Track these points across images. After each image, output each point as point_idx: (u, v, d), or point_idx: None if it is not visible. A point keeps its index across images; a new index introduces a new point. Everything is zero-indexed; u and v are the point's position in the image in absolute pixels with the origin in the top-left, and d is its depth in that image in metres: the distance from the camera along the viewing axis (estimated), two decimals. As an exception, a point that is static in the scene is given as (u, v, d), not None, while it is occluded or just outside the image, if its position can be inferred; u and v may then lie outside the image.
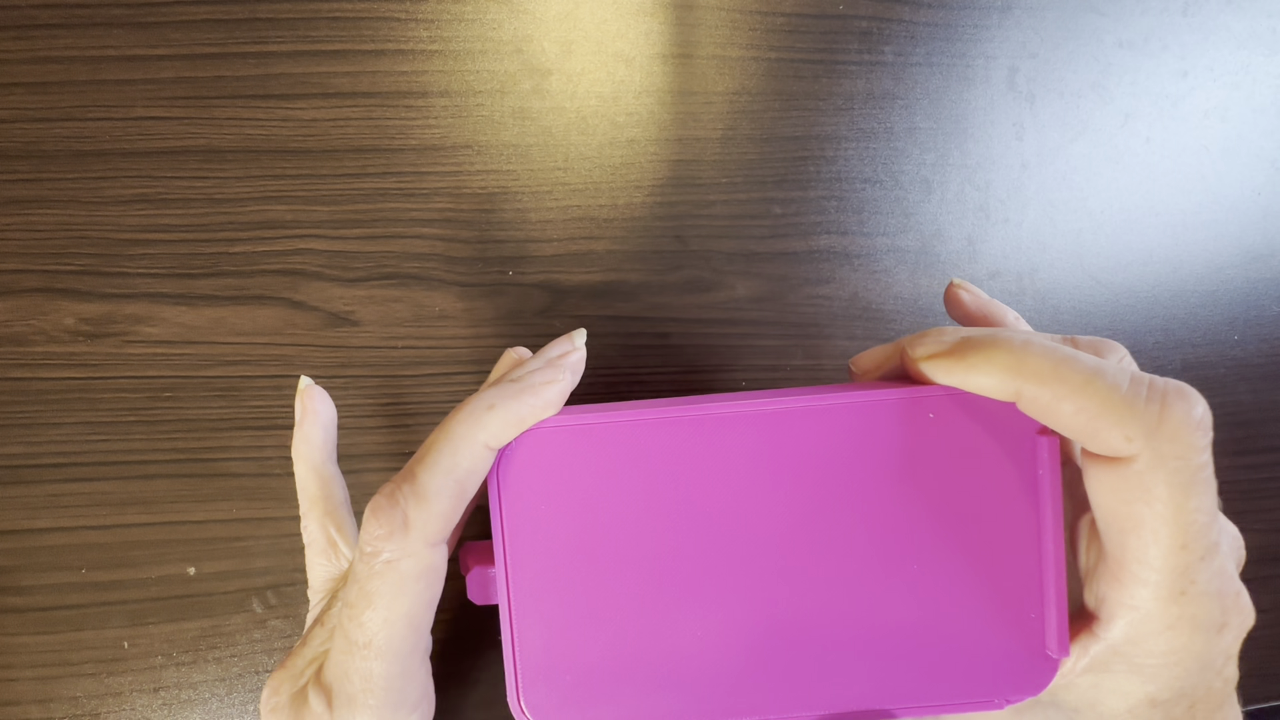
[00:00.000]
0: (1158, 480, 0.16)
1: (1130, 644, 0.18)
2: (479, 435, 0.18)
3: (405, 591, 0.18)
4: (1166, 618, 0.17)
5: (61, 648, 0.29)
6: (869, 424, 0.19)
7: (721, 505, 0.19)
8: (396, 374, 0.31)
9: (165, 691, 0.29)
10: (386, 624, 0.18)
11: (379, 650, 0.18)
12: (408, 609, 0.18)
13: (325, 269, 0.31)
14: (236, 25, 0.30)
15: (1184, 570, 0.17)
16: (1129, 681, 0.18)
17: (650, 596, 0.19)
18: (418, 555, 0.18)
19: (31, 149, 0.30)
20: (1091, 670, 0.18)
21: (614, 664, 0.19)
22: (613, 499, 0.19)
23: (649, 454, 0.19)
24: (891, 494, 0.19)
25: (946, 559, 0.19)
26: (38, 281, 0.30)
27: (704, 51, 0.32)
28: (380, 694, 0.18)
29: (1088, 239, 0.34)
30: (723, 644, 0.19)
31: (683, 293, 0.32)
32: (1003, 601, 0.19)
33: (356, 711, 0.19)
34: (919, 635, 0.19)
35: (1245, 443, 0.34)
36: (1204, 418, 0.16)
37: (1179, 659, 0.17)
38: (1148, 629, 0.17)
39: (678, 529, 0.19)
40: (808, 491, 0.19)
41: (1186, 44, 0.34)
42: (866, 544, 0.19)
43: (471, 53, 0.31)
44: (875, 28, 0.33)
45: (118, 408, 0.30)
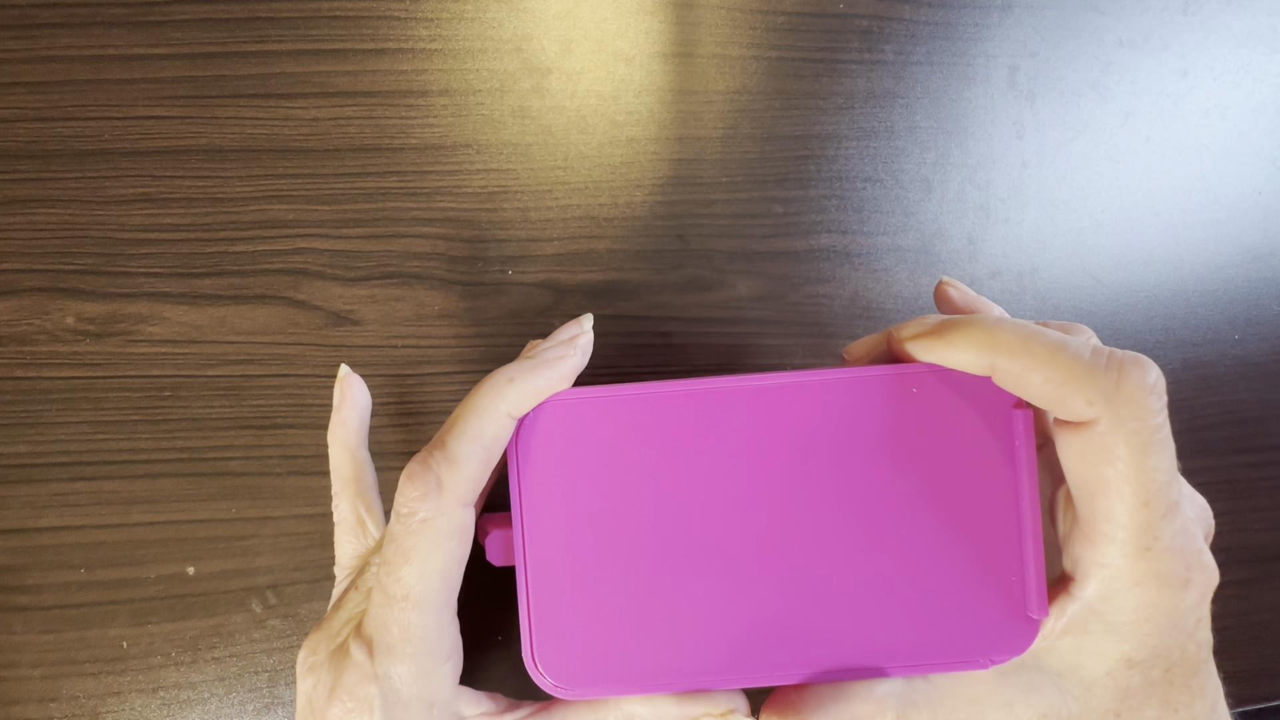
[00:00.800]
0: (1118, 441, 0.18)
1: (1103, 601, 0.19)
2: (501, 405, 0.20)
3: (440, 547, 0.20)
4: (1134, 573, 0.18)
5: (65, 647, 0.29)
6: (860, 397, 0.21)
7: (723, 473, 0.21)
8: (398, 373, 0.31)
9: (165, 691, 0.29)
10: (423, 578, 0.20)
11: (416, 602, 0.20)
12: (442, 564, 0.20)
13: (327, 268, 0.31)
14: (237, 24, 0.30)
15: (1147, 526, 0.18)
16: (1106, 642, 0.19)
17: (656, 558, 0.21)
18: (451, 514, 0.20)
19: (33, 148, 0.30)
20: (1070, 632, 0.20)
21: (621, 623, 0.21)
22: (621, 467, 0.21)
23: (656, 425, 0.21)
24: (880, 465, 0.21)
25: (931, 526, 0.20)
26: (40, 281, 0.30)
27: (704, 50, 0.32)
28: (417, 643, 0.20)
29: (1088, 238, 0.34)
30: (723, 605, 0.21)
31: (684, 292, 0.32)
32: (985, 566, 0.20)
33: (396, 659, 0.20)
34: (907, 599, 0.20)
35: (1246, 441, 0.34)
36: (1158, 383, 0.18)
37: (1149, 615, 0.18)
38: (1118, 585, 0.18)
39: (682, 496, 0.21)
40: (803, 461, 0.21)
41: (1187, 43, 0.34)
42: (858, 511, 0.21)
43: (472, 51, 0.31)
44: (876, 26, 0.33)
45: (121, 407, 0.30)
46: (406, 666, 0.20)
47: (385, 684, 0.20)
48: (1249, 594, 0.33)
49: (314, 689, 0.21)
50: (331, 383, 0.30)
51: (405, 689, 0.20)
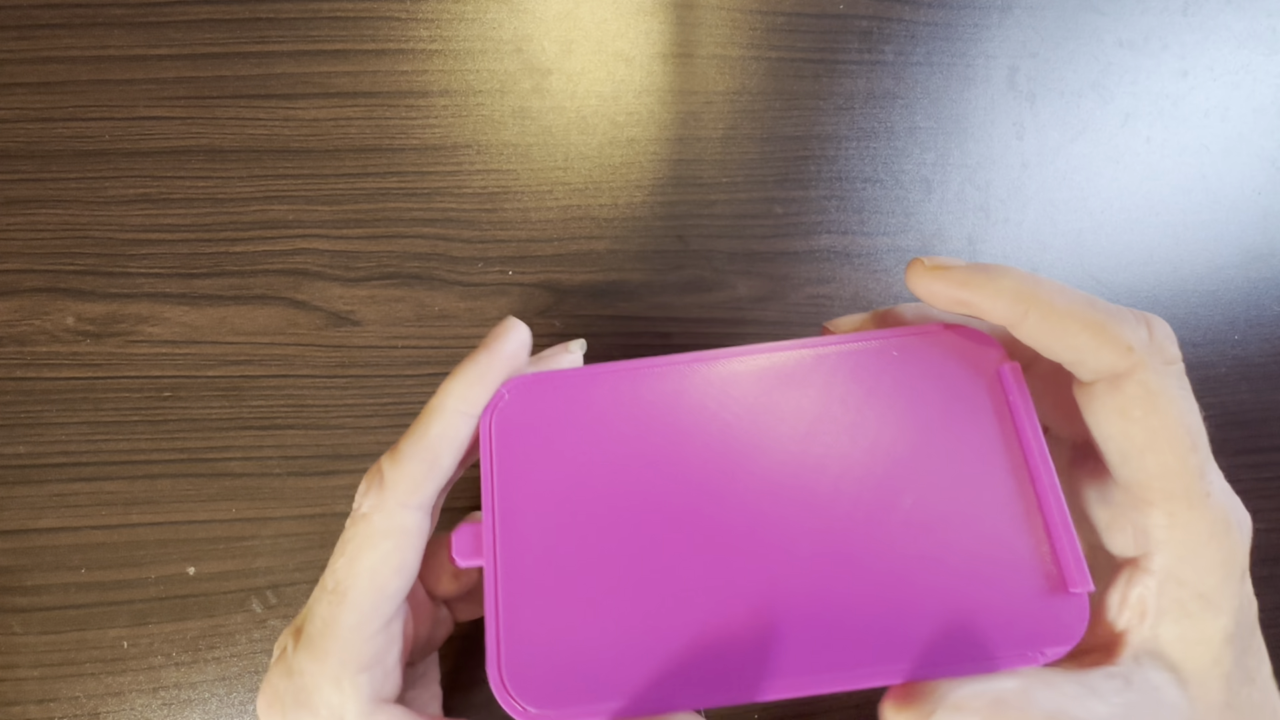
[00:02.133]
0: (1162, 387, 0.17)
1: (1185, 565, 0.18)
2: (447, 402, 0.19)
3: (373, 545, 0.19)
4: (1206, 525, 0.17)
5: (65, 647, 0.29)
6: (840, 368, 0.19)
7: (703, 457, 0.19)
8: (398, 373, 0.31)
9: (165, 691, 0.29)
10: (350, 573, 0.19)
11: (340, 596, 0.19)
12: (372, 563, 0.19)
13: (327, 268, 0.31)
14: (238, 25, 0.30)
15: (1201, 472, 0.17)
16: (1205, 620, 0.18)
17: (638, 554, 0.19)
18: (389, 512, 0.19)
19: (34, 149, 0.30)
20: (1168, 616, 0.18)
21: (601, 632, 0.18)
22: (593, 452, 0.19)
23: (630, 402, 0.19)
24: (871, 440, 0.19)
25: (936, 504, 0.18)
26: (41, 281, 0.30)
27: (704, 51, 0.32)
28: (336, 640, 0.19)
29: (1088, 238, 0.34)
30: (716, 611, 0.18)
31: (684, 292, 0.32)
32: (1006, 543, 0.18)
33: (313, 653, 0.19)
34: (925, 591, 0.18)
35: (1246, 442, 0.34)
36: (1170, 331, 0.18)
37: (1228, 570, 0.18)
38: (1195, 543, 0.18)
39: (661, 482, 0.19)
40: (788, 438, 0.19)
41: (1186, 43, 0.34)
42: (854, 495, 0.18)
43: (472, 52, 0.31)
44: (875, 27, 0.33)
45: (121, 407, 0.30)
46: (319, 665, 0.19)
47: (298, 680, 0.19)
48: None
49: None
50: (332, 383, 0.30)
51: (310, 689, 0.19)
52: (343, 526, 0.26)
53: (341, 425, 0.30)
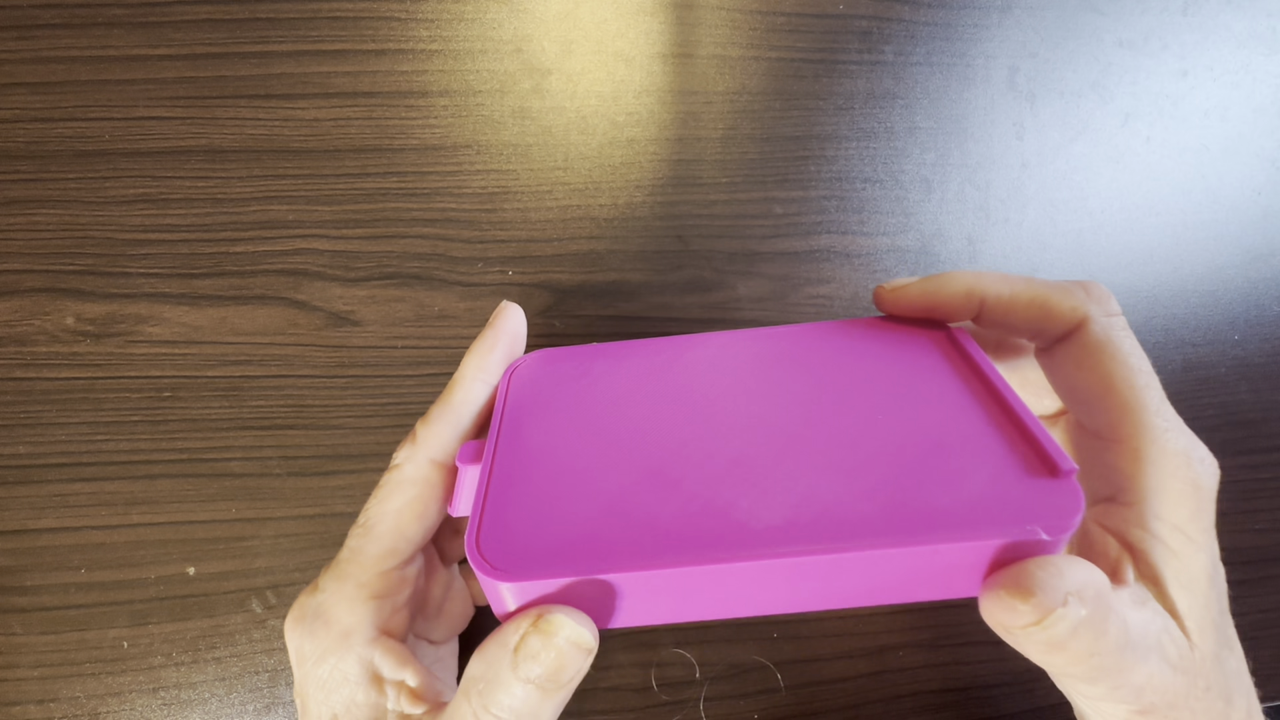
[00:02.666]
0: (1110, 333, 0.20)
1: (1156, 496, 0.19)
2: (465, 371, 0.23)
3: (400, 489, 0.22)
4: (1175, 457, 0.19)
5: (65, 647, 0.29)
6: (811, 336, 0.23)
7: (689, 395, 0.22)
8: (398, 374, 0.31)
9: (165, 691, 0.29)
10: (379, 512, 0.22)
11: (367, 529, 0.22)
12: (398, 505, 0.22)
13: (327, 269, 0.31)
14: (238, 25, 0.30)
15: (1158, 409, 0.19)
16: (1189, 560, 0.19)
17: (623, 459, 0.20)
18: (417, 463, 0.22)
19: (34, 149, 0.30)
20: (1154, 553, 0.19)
21: (575, 512, 0.19)
22: (591, 394, 0.22)
23: (626, 364, 0.23)
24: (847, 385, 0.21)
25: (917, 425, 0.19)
26: (41, 281, 0.30)
27: (704, 51, 0.32)
28: (357, 566, 0.21)
29: (1088, 239, 0.34)
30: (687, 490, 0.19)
31: (684, 292, 0.32)
32: (992, 447, 0.18)
33: (337, 575, 0.22)
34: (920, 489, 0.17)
35: (1246, 442, 0.34)
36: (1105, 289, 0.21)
37: (1199, 501, 0.19)
38: (1167, 476, 0.19)
39: (648, 414, 0.21)
40: (767, 382, 0.22)
41: (1186, 43, 0.34)
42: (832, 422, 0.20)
43: (472, 52, 0.31)
44: (875, 27, 0.33)
45: (121, 408, 0.30)
46: (338, 585, 0.21)
47: (319, 596, 0.22)
48: (1250, 595, 0.33)
49: None
50: (332, 383, 0.30)
51: (327, 606, 0.21)
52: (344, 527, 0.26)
53: (341, 425, 0.30)
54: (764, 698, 0.31)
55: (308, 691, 0.21)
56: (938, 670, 0.31)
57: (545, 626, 0.17)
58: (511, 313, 0.24)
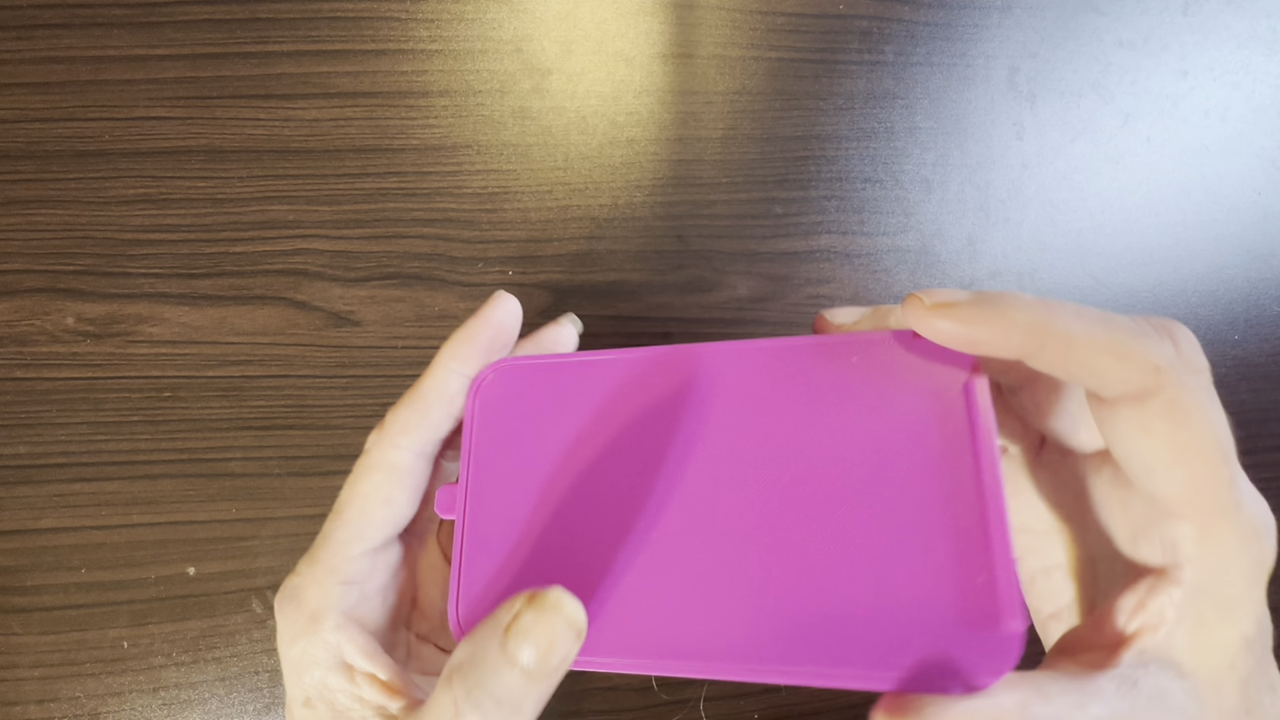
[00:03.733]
0: (1191, 404, 0.17)
1: (1215, 576, 0.17)
2: (438, 359, 0.22)
3: (368, 475, 0.22)
4: (1239, 536, 0.17)
5: (65, 647, 0.29)
6: (795, 364, 0.19)
7: (664, 440, 0.20)
8: (398, 374, 0.31)
9: (165, 691, 0.29)
10: (348, 496, 0.22)
11: (337, 514, 0.22)
12: (365, 490, 0.22)
13: (327, 269, 0.31)
14: (238, 25, 0.30)
15: (1232, 482, 0.17)
16: (1223, 628, 0.17)
17: (593, 525, 0.20)
18: (385, 450, 0.22)
19: (34, 149, 0.30)
20: (1184, 624, 0.18)
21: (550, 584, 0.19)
22: (568, 430, 0.21)
23: (600, 388, 0.21)
24: (821, 441, 0.19)
25: (879, 515, 0.18)
26: (41, 281, 0.30)
27: (704, 51, 0.32)
28: (327, 550, 0.21)
29: (1088, 239, 0.34)
30: (658, 580, 0.19)
31: (684, 292, 0.32)
32: (945, 566, 0.17)
33: (310, 558, 0.22)
34: (858, 600, 0.17)
35: (1246, 443, 0.34)
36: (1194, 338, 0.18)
37: (1256, 577, 0.17)
38: (1227, 554, 0.17)
39: (621, 458, 0.20)
40: (744, 428, 0.20)
41: (1186, 44, 0.34)
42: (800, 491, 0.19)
43: (472, 52, 0.31)
44: (875, 27, 0.33)
45: (121, 408, 0.30)
46: (309, 568, 0.22)
47: (294, 579, 0.22)
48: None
49: None
50: (332, 383, 0.30)
51: (300, 587, 0.21)
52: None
53: (341, 425, 0.30)
54: (764, 698, 0.31)
55: (285, 671, 0.22)
56: (938, 670, 0.31)
57: (541, 601, 0.18)
58: (501, 303, 0.23)
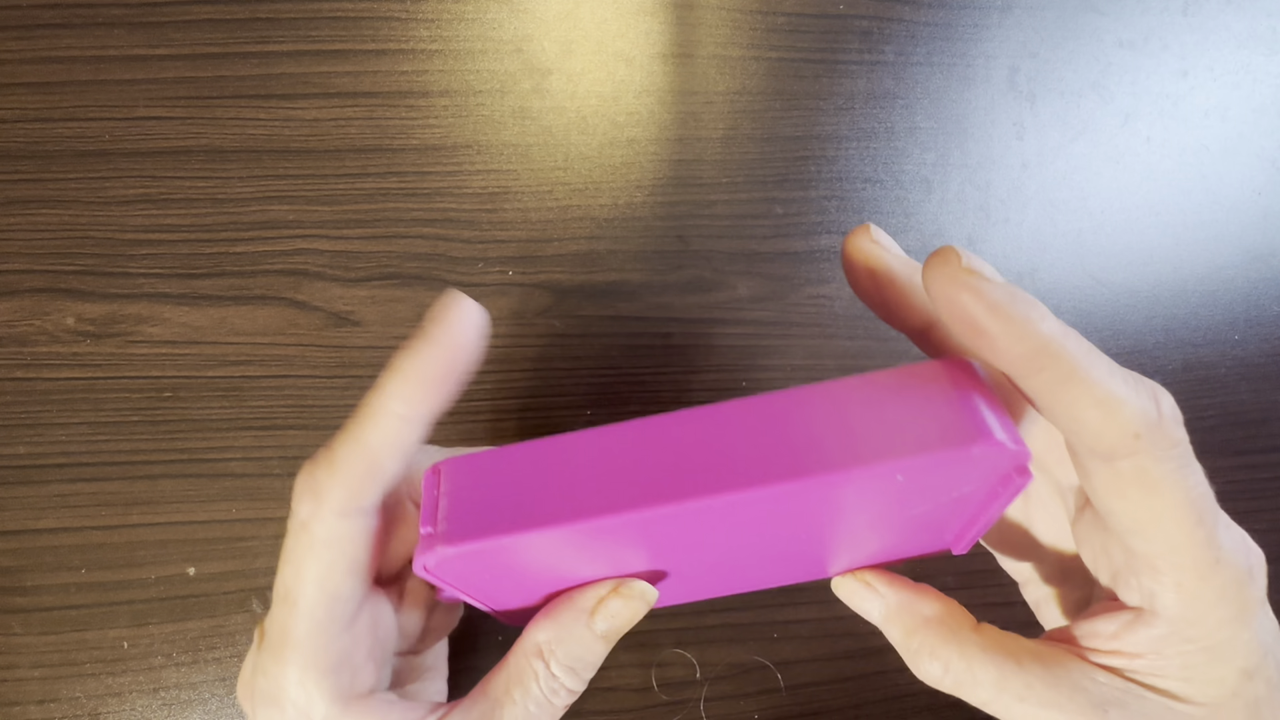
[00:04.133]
0: (1165, 471, 0.16)
1: (1191, 625, 0.18)
2: (382, 402, 0.17)
3: (315, 555, 0.18)
4: (1213, 590, 0.17)
5: (65, 647, 0.29)
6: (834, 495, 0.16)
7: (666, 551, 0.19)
8: (398, 374, 0.31)
9: (165, 692, 0.29)
10: (298, 583, 0.19)
11: (291, 605, 0.19)
12: (318, 573, 0.19)
13: (327, 269, 0.31)
14: (238, 25, 0.30)
15: (1209, 541, 0.17)
16: (1214, 666, 0.18)
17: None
18: (327, 522, 0.18)
19: (34, 149, 0.30)
20: (1173, 654, 0.18)
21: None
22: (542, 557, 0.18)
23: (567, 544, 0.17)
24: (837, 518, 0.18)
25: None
26: (41, 281, 0.30)
27: (704, 51, 0.32)
28: (293, 649, 0.19)
29: (1088, 239, 0.34)
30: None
31: (684, 293, 0.32)
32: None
33: (274, 656, 0.19)
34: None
35: (1246, 443, 0.34)
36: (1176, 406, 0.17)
37: (1241, 622, 0.18)
38: (1200, 607, 0.17)
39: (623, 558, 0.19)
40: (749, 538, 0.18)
41: (1186, 44, 0.34)
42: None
43: (472, 52, 0.31)
44: (876, 27, 0.33)
45: (121, 408, 0.30)
46: (279, 669, 0.19)
47: (262, 679, 0.19)
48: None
49: None
50: (332, 383, 0.30)
51: (278, 690, 0.19)
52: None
53: (341, 425, 0.30)
54: (764, 698, 0.31)
55: None
56: (938, 670, 0.31)
57: (627, 591, 0.20)
58: (457, 316, 0.17)
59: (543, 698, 0.20)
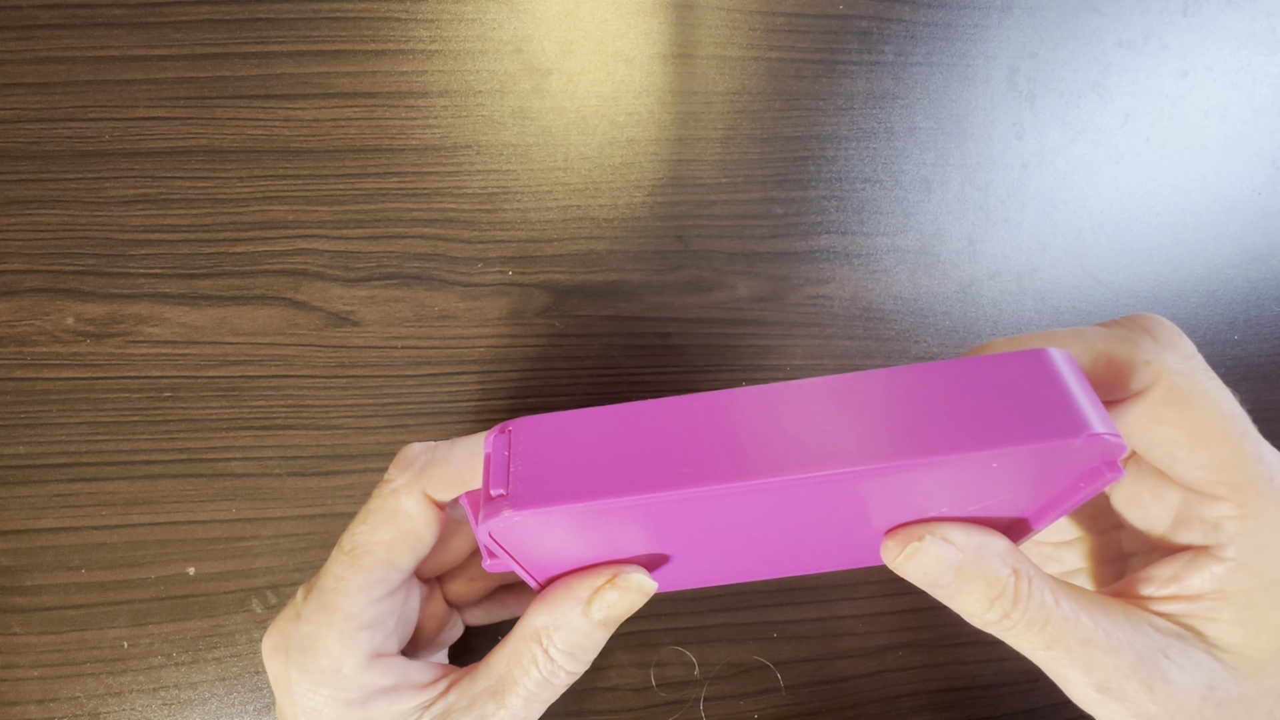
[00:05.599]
0: (1190, 384, 0.17)
1: (1258, 553, 0.17)
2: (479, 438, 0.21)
3: (394, 520, 0.21)
4: (1274, 503, 0.17)
5: (65, 648, 0.29)
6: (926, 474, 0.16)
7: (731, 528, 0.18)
8: (398, 374, 0.31)
9: (165, 691, 0.29)
10: (370, 541, 0.21)
11: (354, 558, 0.21)
12: (390, 537, 0.21)
13: (327, 269, 0.31)
14: (238, 25, 0.30)
15: (1259, 457, 0.17)
16: (1273, 610, 0.18)
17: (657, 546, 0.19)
18: (416, 497, 0.21)
19: (34, 149, 0.30)
20: (1230, 601, 0.18)
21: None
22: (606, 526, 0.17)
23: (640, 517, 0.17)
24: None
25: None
26: (40, 282, 0.30)
27: (704, 51, 0.32)
28: (345, 598, 0.20)
29: (1088, 239, 0.34)
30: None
31: (684, 293, 0.32)
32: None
33: (322, 606, 0.21)
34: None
35: (1245, 442, 0.34)
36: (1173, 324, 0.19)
37: None
38: (1268, 529, 0.17)
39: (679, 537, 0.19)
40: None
41: (1186, 44, 0.34)
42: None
43: (472, 53, 0.31)
44: (875, 27, 0.33)
45: (121, 408, 0.30)
46: (326, 617, 0.20)
47: (305, 627, 0.21)
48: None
49: None
50: (332, 383, 0.30)
51: (315, 638, 0.20)
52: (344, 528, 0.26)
53: (341, 425, 0.30)
54: (764, 698, 0.31)
55: (297, 716, 0.21)
56: (938, 670, 0.31)
57: (624, 583, 0.20)
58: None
59: (542, 679, 0.21)
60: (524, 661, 0.20)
